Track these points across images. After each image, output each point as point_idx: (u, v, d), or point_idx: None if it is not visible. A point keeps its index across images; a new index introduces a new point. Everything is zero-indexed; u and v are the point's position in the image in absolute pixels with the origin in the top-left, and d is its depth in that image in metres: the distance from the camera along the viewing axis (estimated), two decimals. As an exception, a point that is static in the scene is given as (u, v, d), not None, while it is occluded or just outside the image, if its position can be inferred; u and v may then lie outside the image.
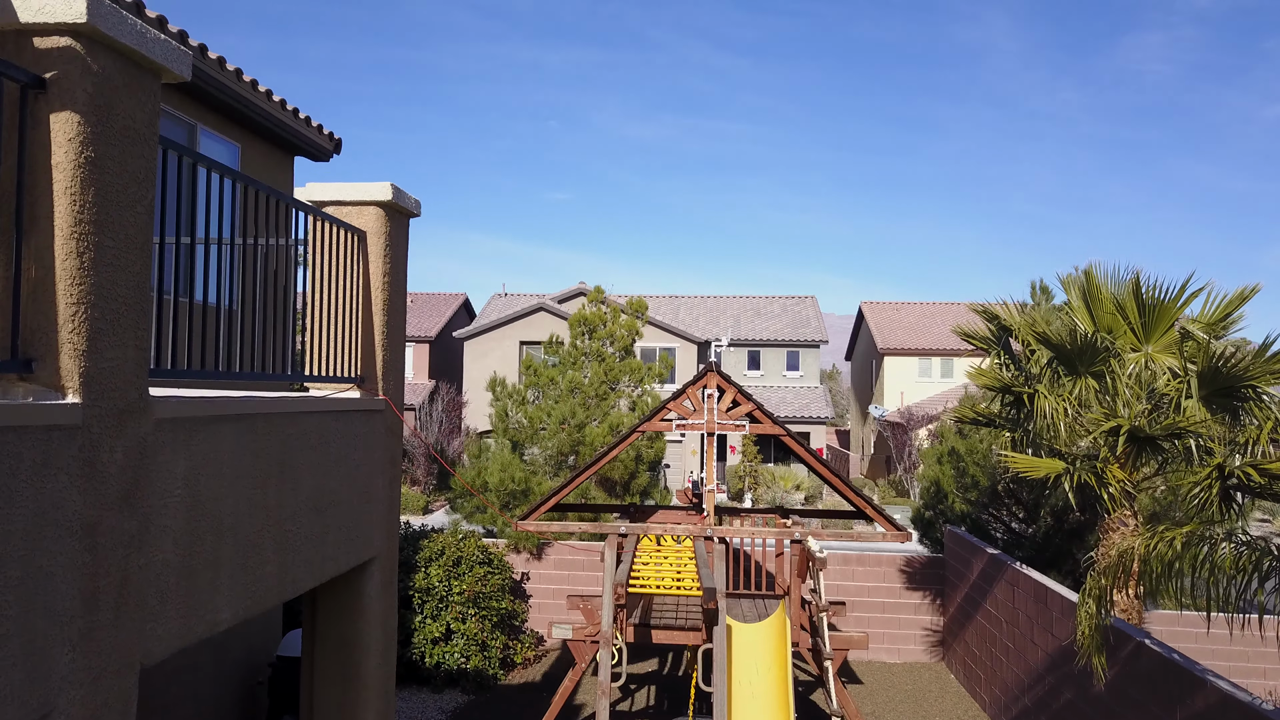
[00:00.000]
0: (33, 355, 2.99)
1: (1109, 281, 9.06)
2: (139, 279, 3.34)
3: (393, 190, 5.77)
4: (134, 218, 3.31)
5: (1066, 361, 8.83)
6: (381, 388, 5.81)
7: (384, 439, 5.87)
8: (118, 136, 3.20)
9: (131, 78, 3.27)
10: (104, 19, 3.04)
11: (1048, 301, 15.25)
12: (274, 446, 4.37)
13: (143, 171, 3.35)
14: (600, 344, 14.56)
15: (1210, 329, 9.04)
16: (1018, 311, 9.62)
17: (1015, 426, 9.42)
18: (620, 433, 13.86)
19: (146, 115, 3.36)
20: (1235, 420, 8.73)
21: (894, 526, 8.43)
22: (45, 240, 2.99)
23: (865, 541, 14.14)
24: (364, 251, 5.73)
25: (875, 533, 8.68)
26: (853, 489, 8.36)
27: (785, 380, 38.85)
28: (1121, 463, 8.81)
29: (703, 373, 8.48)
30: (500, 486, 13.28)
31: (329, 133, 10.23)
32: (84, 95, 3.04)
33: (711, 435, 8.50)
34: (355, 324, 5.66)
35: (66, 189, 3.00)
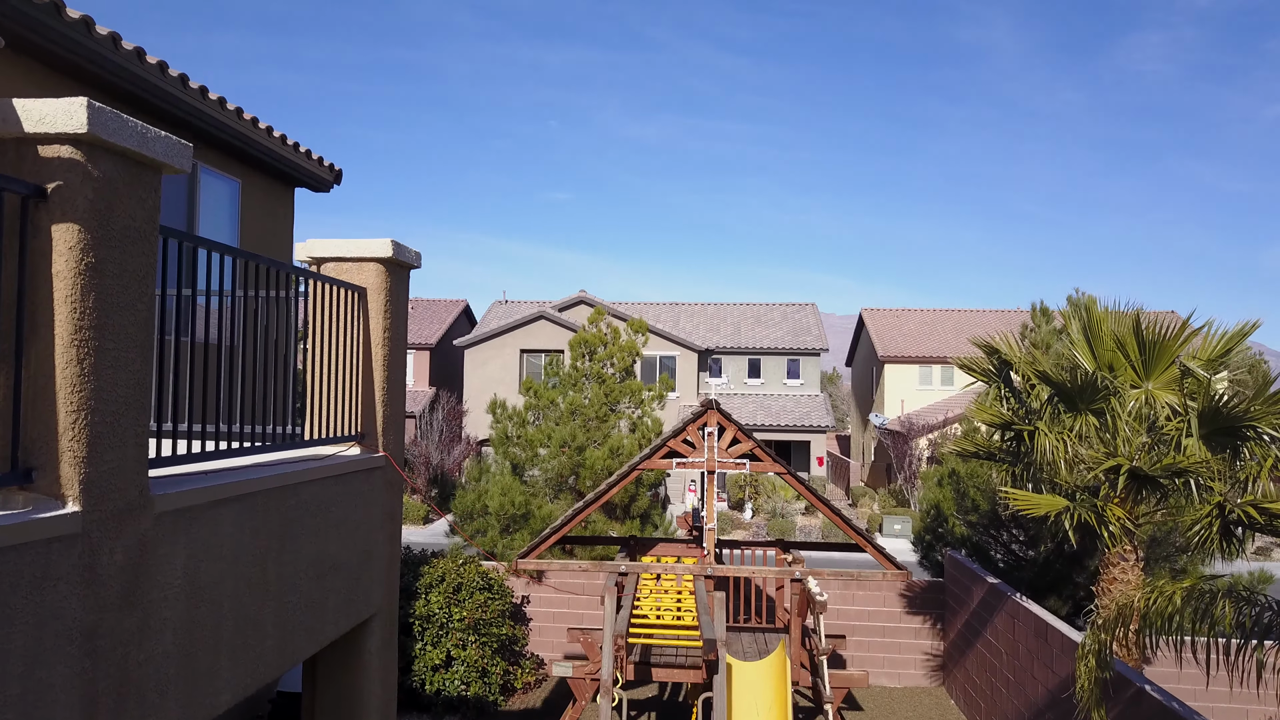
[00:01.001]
0: (33, 465, 2.99)
1: (1110, 318, 9.05)
2: (139, 376, 3.34)
3: (393, 246, 5.77)
4: (134, 315, 3.31)
5: (1067, 399, 8.82)
6: (382, 443, 5.81)
7: (384, 494, 5.87)
8: (118, 238, 3.20)
9: (133, 177, 3.28)
10: (105, 126, 3.04)
11: (1048, 323, 15.27)
12: (274, 522, 4.38)
13: (143, 269, 3.35)
14: (600, 365, 14.55)
15: (1210, 365, 9.03)
16: (1018, 346, 9.62)
17: (1016, 460, 9.41)
18: (620, 455, 13.87)
19: (147, 212, 3.37)
20: (1236, 456, 8.73)
21: (893, 565, 8.43)
22: (46, 349, 3.00)
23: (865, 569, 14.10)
24: (364, 308, 5.73)
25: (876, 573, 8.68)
26: (853, 527, 8.35)
27: (786, 388, 38.84)
28: (1121, 499, 8.80)
29: (703, 410, 8.48)
30: (500, 510, 13.27)
31: (329, 164, 10.23)
32: (85, 202, 3.04)
33: (712, 474, 8.49)
34: (355, 380, 5.67)
35: (67, 297, 3.00)
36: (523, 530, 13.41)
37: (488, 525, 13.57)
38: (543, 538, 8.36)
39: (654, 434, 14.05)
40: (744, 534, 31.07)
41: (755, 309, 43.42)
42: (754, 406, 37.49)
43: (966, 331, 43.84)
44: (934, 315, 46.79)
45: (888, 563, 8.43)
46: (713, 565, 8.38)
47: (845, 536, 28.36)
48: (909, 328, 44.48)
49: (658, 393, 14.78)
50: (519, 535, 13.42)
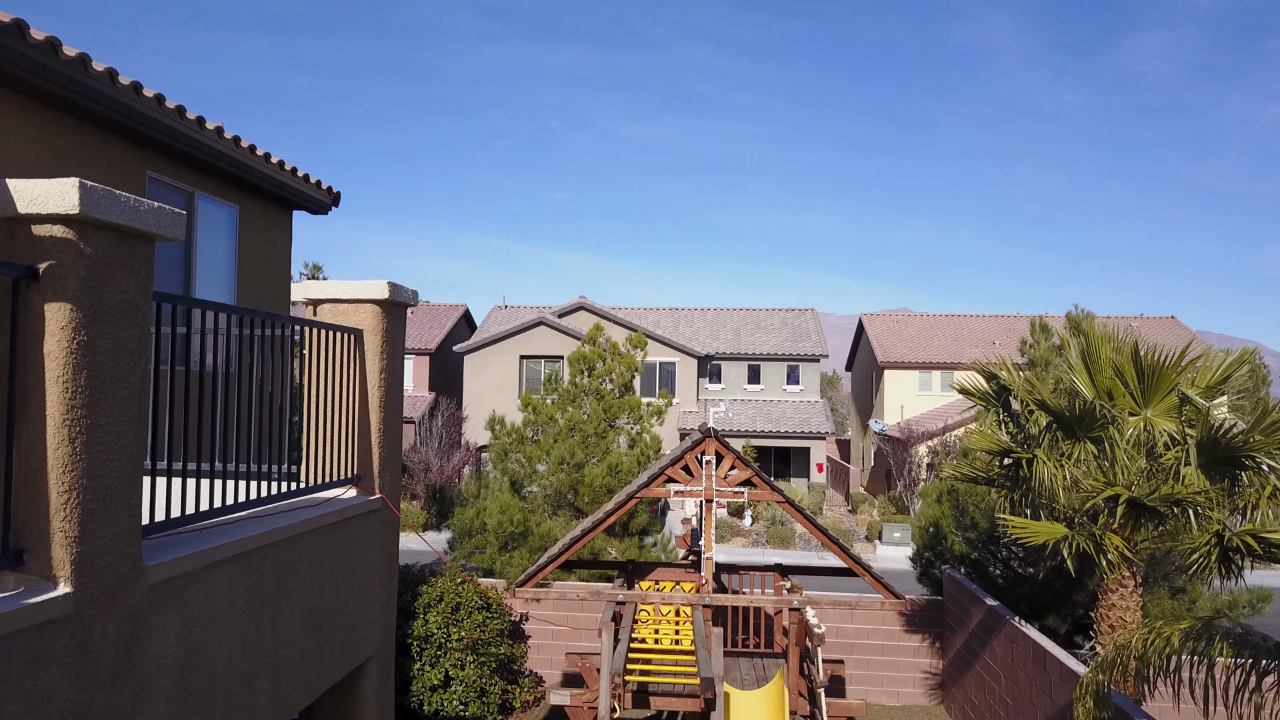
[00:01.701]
0: (24, 547, 2.98)
1: (1108, 345, 9.03)
2: (132, 449, 3.33)
3: (389, 288, 5.76)
4: (127, 388, 3.30)
5: (1065, 426, 8.81)
6: (378, 485, 5.80)
7: (380, 535, 5.86)
8: (111, 312, 3.19)
9: (126, 250, 3.27)
10: (97, 205, 3.03)
11: (1047, 339, 15.26)
12: (270, 577, 4.37)
13: (136, 341, 3.34)
14: (599, 381, 14.54)
15: (1209, 393, 9.02)
16: (1017, 373, 9.60)
17: (1015, 486, 9.39)
18: (619, 473, 13.85)
19: (140, 283, 3.36)
20: (1234, 484, 8.72)
21: (891, 594, 8.42)
22: (37, 429, 2.98)
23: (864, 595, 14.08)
24: (360, 350, 5.72)
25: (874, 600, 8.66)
26: (850, 555, 8.34)
27: (785, 394, 38.82)
28: (1120, 527, 8.79)
29: (701, 438, 8.47)
30: (499, 528, 13.26)
31: (327, 187, 10.22)
32: (77, 281, 3.03)
33: (710, 502, 8.49)
34: (351, 422, 5.66)
35: (59, 377, 2.99)
36: (521, 548, 13.40)
37: (486, 542, 13.56)
38: (540, 566, 8.35)
39: (653, 451, 14.04)
40: (743, 541, 31.06)
41: (755, 314, 43.41)
42: (754, 412, 37.47)
43: (966, 337, 43.84)
44: (934, 320, 46.76)
45: (886, 592, 8.42)
46: (710, 595, 8.38)
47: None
48: (909, 333, 44.46)
49: (656, 408, 14.77)
50: (517, 553, 13.41)
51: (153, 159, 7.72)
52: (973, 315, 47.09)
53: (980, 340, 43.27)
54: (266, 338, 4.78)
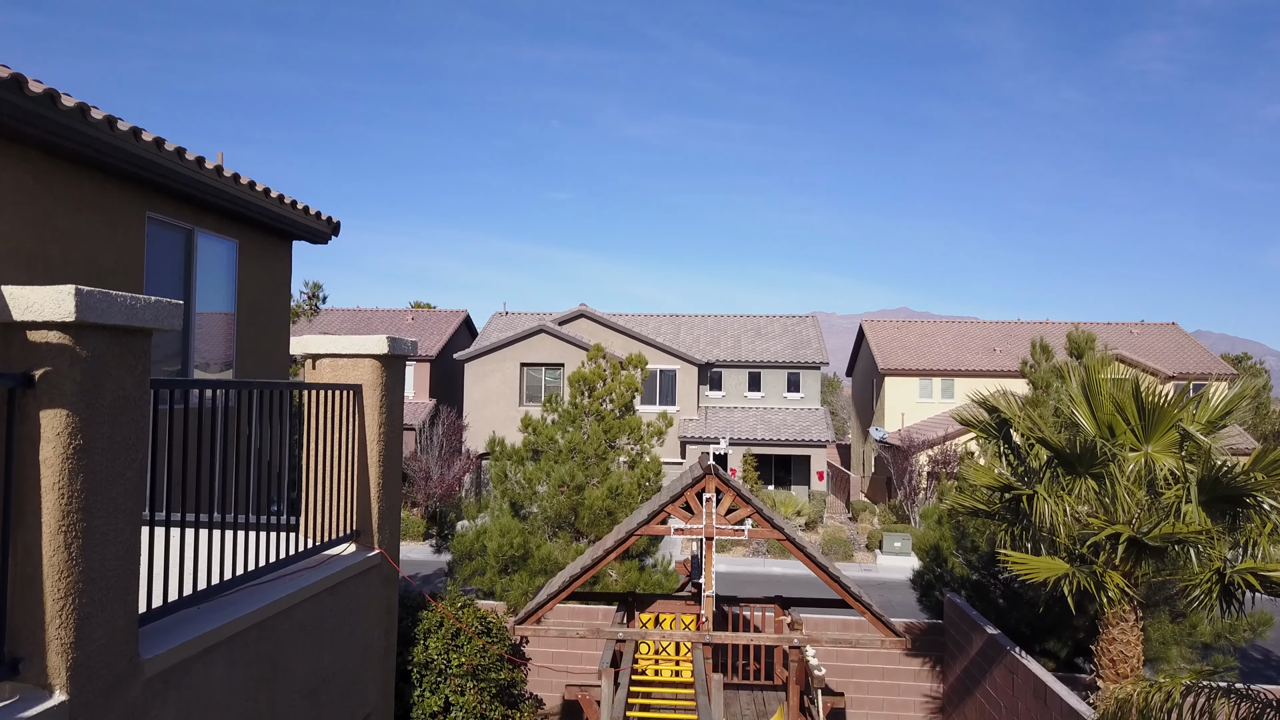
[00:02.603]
0: (20, 655, 2.97)
1: (1109, 382, 9.01)
2: (128, 545, 3.32)
3: (388, 343, 5.75)
4: (124, 485, 3.28)
5: (1066, 463, 8.79)
6: (377, 540, 5.79)
7: (380, 591, 5.85)
8: (108, 411, 3.18)
9: (122, 347, 3.25)
10: (93, 309, 3.02)
11: (1048, 360, 15.21)
12: (267, 651, 4.35)
13: (134, 436, 3.33)
14: (599, 402, 14.53)
15: (1210, 427, 9.01)
16: (1018, 405, 9.58)
17: (1015, 520, 9.38)
18: (619, 495, 13.84)
19: (137, 378, 3.34)
20: (1235, 522, 8.71)
21: (892, 632, 8.41)
22: (33, 537, 2.97)
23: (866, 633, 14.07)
24: (359, 405, 5.71)
25: (874, 639, 8.66)
26: (850, 592, 8.33)
27: (786, 402, 38.80)
28: (1120, 562, 8.77)
29: (701, 475, 8.46)
30: (499, 551, 13.25)
31: (327, 218, 10.21)
32: (73, 385, 3.01)
33: (710, 540, 8.48)
34: (350, 477, 5.65)
35: (55, 484, 2.98)
36: (521, 571, 13.39)
37: (486, 565, 13.55)
38: (539, 603, 8.35)
39: (653, 473, 14.03)
40: (744, 550, 31.03)
41: (755, 321, 43.38)
42: (754, 420, 37.46)
43: (967, 344, 43.82)
44: (934, 326, 46.74)
45: (885, 629, 8.41)
46: (710, 633, 8.37)
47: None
48: (909, 340, 44.44)
49: (657, 429, 14.76)
50: (518, 576, 13.40)
51: (152, 199, 7.71)
52: (973, 321, 47.05)
53: (981, 347, 43.25)
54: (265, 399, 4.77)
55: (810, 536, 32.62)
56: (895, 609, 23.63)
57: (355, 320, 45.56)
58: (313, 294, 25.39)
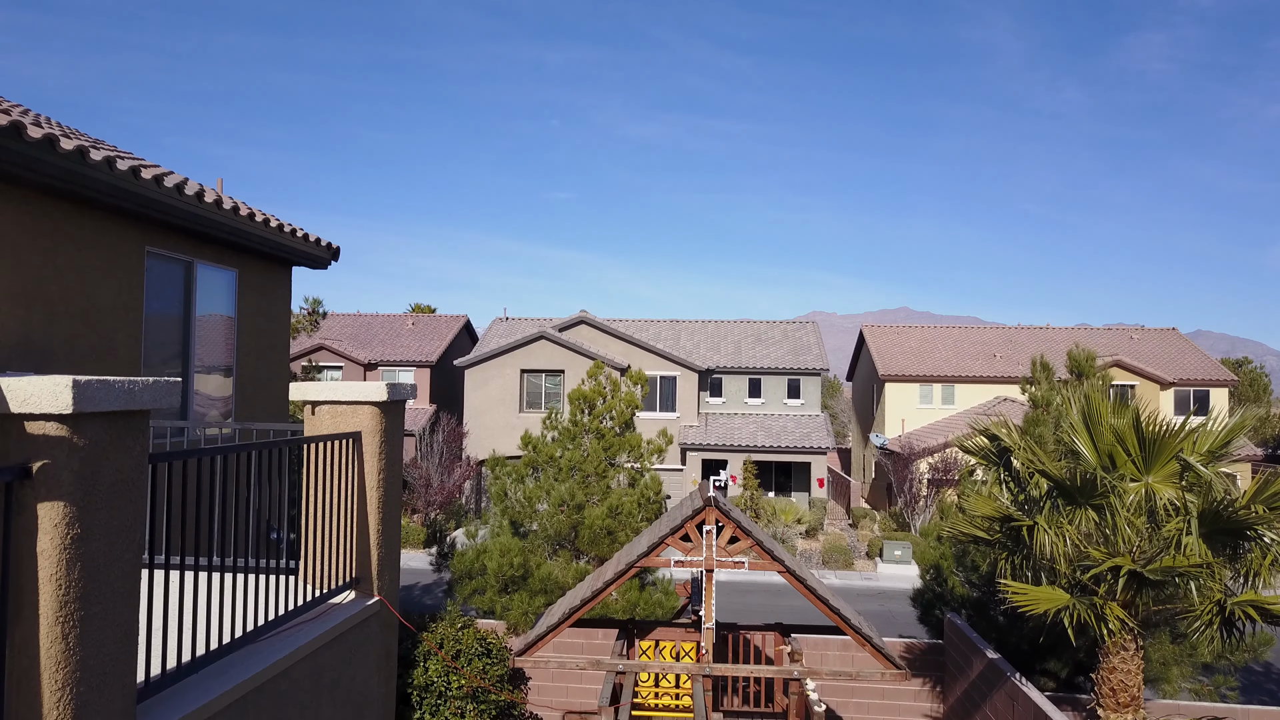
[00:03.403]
0: (17, 749, 2.96)
1: (1109, 409, 9.00)
2: (126, 627, 3.31)
3: (388, 390, 5.74)
4: (122, 568, 3.28)
5: (1066, 494, 8.79)
6: (376, 586, 5.77)
7: (379, 635, 5.84)
8: (105, 496, 3.17)
9: (120, 431, 3.24)
10: (90, 399, 3.01)
11: (1049, 379, 15.21)
12: (266, 711, 4.35)
13: (132, 518, 3.32)
14: (599, 420, 14.53)
15: (1210, 456, 9.00)
16: (1018, 435, 9.58)
17: (1015, 549, 9.37)
18: (619, 514, 13.84)
19: (135, 459, 3.33)
20: (1236, 553, 8.70)
21: (892, 665, 8.41)
22: (30, 630, 2.96)
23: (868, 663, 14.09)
24: (358, 452, 5.70)
25: (874, 671, 8.66)
26: (851, 625, 8.33)
27: (786, 408, 38.80)
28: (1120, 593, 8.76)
29: (702, 507, 8.46)
30: (499, 571, 13.25)
31: (326, 244, 10.21)
32: (71, 475, 3.01)
33: (710, 572, 8.47)
34: (350, 524, 5.64)
35: (52, 575, 2.97)
36: (521, 591, 13.39)
37: (486, 584, 13.55)
38: (539, 635, 8.36)
39: (653, 491, 14.03)
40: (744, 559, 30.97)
41: (756, 327, 43.39)
42: (754, 427, 37.46)
43: (968, 349, 43.81)
44: (935, 332, 46.74)
45: (886, 663, 8.41)
46: (710, 665, 8.37)
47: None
48: (910, 345, 44.43)
49: (657, 446, 14.75)
50: (518, 595, 13.40)
51: (151, 234, 7.71)
52: (974, 327, 47.04)
53: (982, 353, 43.25)
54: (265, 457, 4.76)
55: (811, 544, 32.62)
56: (896, 620, 23.63)
57: (355, 326, 45.58)
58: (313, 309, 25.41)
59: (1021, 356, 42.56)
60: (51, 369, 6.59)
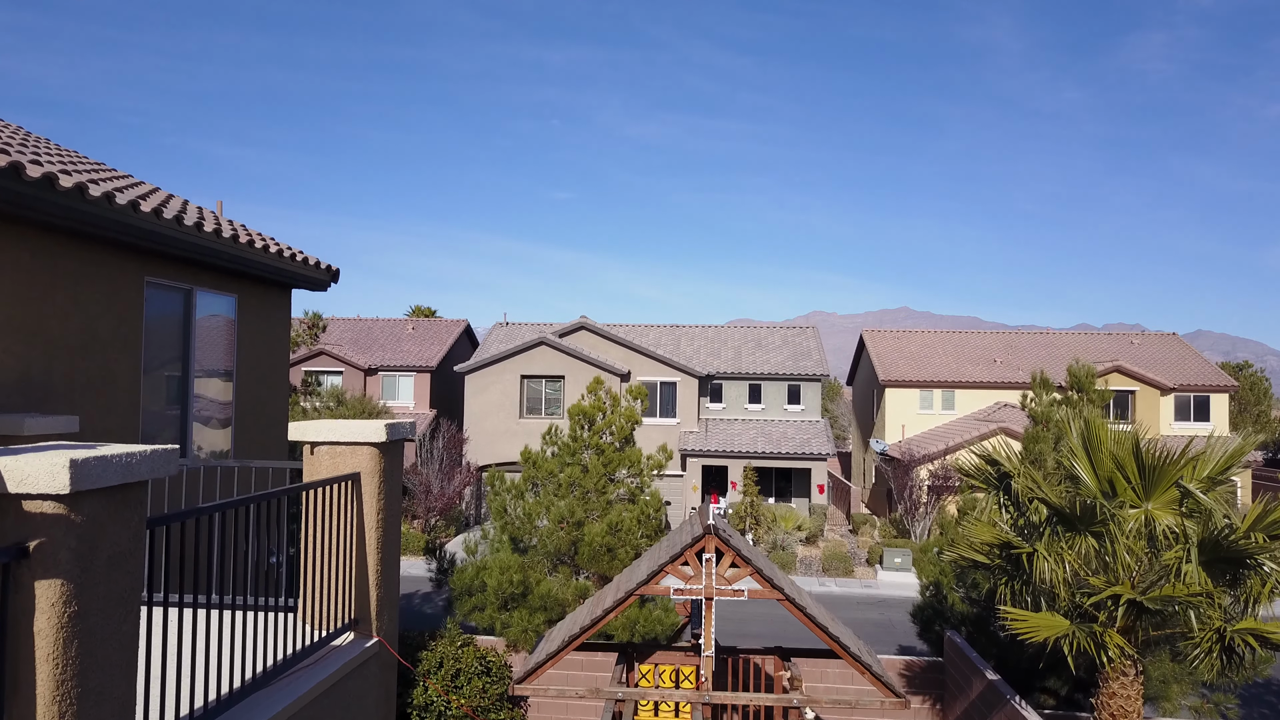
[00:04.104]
0: (15, 829, 2.96)
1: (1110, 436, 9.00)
2: (123, 700, 3.31)
3: (387, 430, 5.73)
4: (119, 640, 3.27)
5: (1066, 521, 8.79)
6: (375, 627, 5.77)
7: (378, 676, 5.84)
8: (103, 570, 3.16)
9: (118, 503, 3.24)
10: (88, 476, 3.01)
11: (1048, 394, 15.20)
12: (264, 768, 4.34)
13: (129, 588, 3.31)
14: (598, 436, 14.53)
15: (1209, 483, 9.00)
16: (1018, 460, 9.58)
17: (1015, 575, 9.37)
18: (619, 531, 13.83)
19: (133, 530, 3.33)
20: (1236, 580, 8.70)
21: (892, 693, 8.42)
22: (26, 708, 2.96)
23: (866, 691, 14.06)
24: (358, 493, 5.69)
25: (873, 700, 8.67)
26: (850, 653, 8.33)
27: (786, 414, 38.80)
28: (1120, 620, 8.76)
29: (701, 535, 8.45)
30: (499, 588, 13.26)
31: (326, 266, 10.20)
32: (68, 554, 3.00)
33: (710, 600, 8.48)
34: (349, 566, 5.63)
35: (49, 654, 2.96)
36: (521, 608, 13.39)
37: (486, 601, 13.56)
38: (538, 663, 8.36)
39: (653, 509, 14.04)
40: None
41: (756, 332, 43.40)
42: (754, 433, 37.45)
43: (968, 354, 43.80)
44: (935, 337, 46.74)
45: (886, 690, 8.42)
46: (710, 693, 8.37)
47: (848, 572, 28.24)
48: (910, 350, 44.42)
49: (657, 462, 14.75)
50: (517, 612, 13.40)
51: (150, 264, 7.70)
52: (974, 331, 47.04)
53: (982, 358, 43.25)
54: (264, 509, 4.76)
55: (811, 551, 32.63)
56: (896, 629, 23.62)
57: (355, 330, 45.58)
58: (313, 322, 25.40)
59: (1022, 361, 42.57)
60: (51, 404, 6.59)
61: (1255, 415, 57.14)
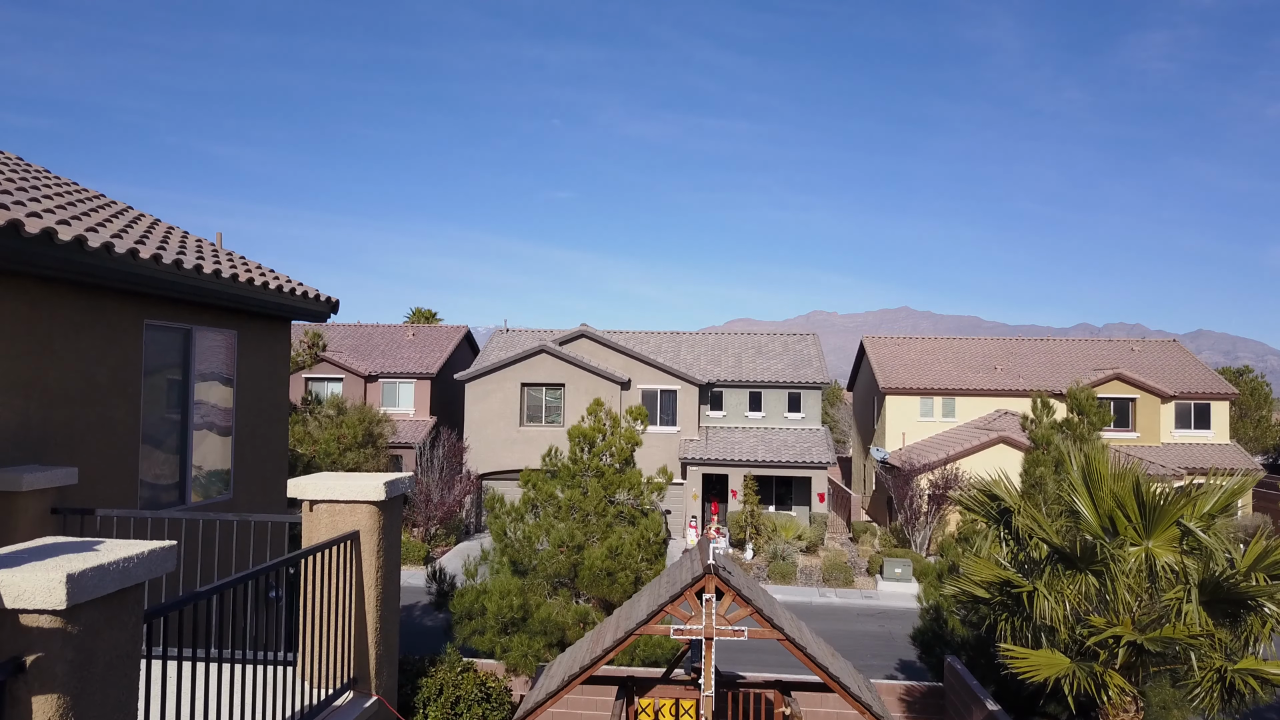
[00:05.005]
0: None
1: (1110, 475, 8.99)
2: (122, 800, 3.30)
3: (386, 488, 5.73)
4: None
5: (1066, 560, 8.77)
6: (375, 685, 5.76)
7: (377, 734, 5.82)
8: (100, 677, 3.16)
9: (115, 608, 3.23)
10: (85, 589, 3.00)
11: (1049, 416, 15.19)
12: (263, 846, 4.33)
13: (126, 692, 3.31)
14: (598, 458, 14.51)
15: (1209, 520, 8.99)
16: (1019, 496, 9.57)
17: (1015, 612, 9.36)
18: (619, 555, 13.82)
19: (130, 631, 3.32)
20: (1236, 620, 8.69)
21: (890, 733, 8.40)
22: (25, 824, 2.95)
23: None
24: (357, 552, 5.68)
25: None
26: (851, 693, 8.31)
27: (786, 422, 38.78)
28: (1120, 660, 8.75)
29: (701, 574, 8.45)
30: (499, 613, 13.25)
31: (326, 298, 10.19)
32: (65, 666, 2.99)
33: (710, 640, 8.47)
34: (348, 623, 5.62)
35: (47, 769, 2.95)
36: (521, 633, 13.38)
37: (486, 625, 13.55)
38: (538, 702, 8.36)
39: (653, 533, 14.03)
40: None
41: (756, 339, 43.39)
42: (754, 441, 37.44)
43: (968, 361, 43.78)
44: (935, 343, 46.72)
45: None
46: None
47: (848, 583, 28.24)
48: (910, 357, 44.41)
49: (657, 485, 14.74)
50: (518, 636, 13.39)
51: (150, 308, 7.69)
52: (975, 339, 47.02)
53: (982, 365, 43.23)
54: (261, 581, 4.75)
55: (811, 561, 32.61)
56: (896, 642, 23.59)
57: (355, 337, 45.56)
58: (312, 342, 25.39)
59: (1022, 368, 42.56)
60: (50, 455, 6.58)
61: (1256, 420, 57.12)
